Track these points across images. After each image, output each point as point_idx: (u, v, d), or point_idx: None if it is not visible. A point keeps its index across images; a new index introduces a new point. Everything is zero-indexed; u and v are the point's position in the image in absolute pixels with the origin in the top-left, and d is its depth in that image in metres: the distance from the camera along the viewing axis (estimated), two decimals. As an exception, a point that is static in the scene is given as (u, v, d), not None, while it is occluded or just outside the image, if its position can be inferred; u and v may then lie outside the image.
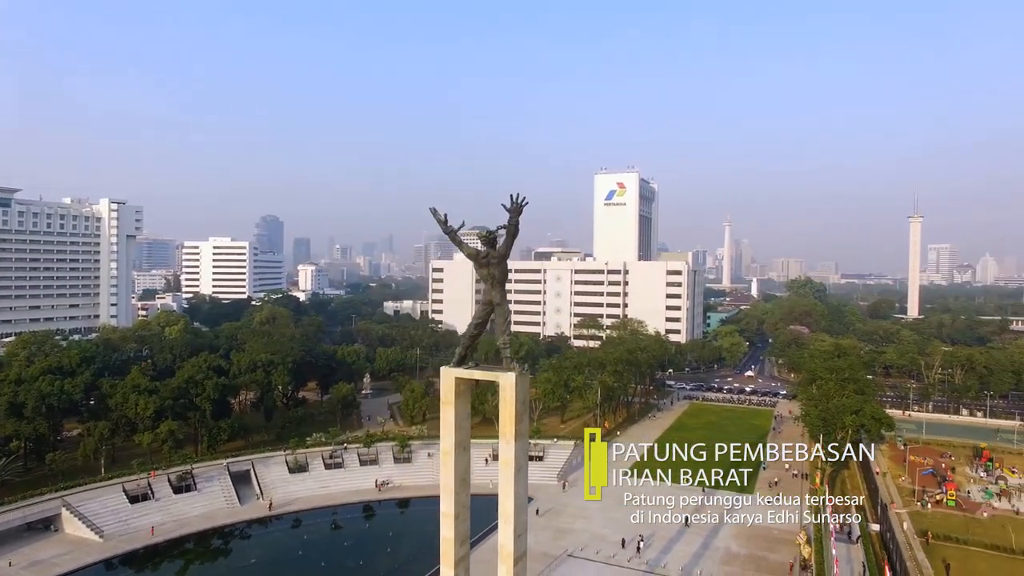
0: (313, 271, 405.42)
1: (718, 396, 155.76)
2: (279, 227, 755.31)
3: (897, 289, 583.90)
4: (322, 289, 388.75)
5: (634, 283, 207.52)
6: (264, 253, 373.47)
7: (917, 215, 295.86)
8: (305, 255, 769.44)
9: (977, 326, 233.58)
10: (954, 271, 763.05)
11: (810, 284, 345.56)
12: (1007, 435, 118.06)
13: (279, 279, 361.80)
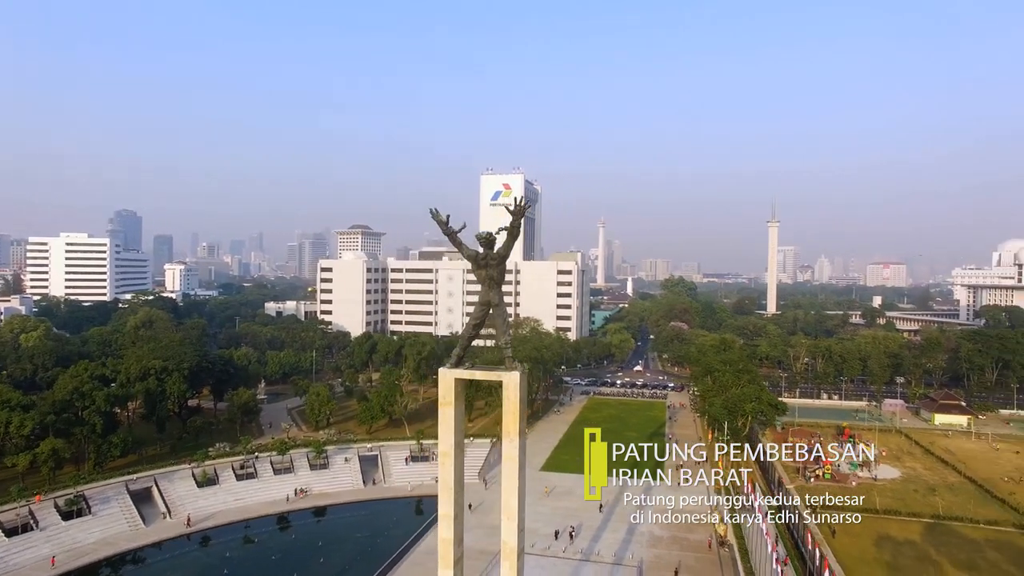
0: (182, 271, 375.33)
1: (613, 391, 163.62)
2: (137, 223, 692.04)
3: (752, 287, 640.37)
4: (193, 290, 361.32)
5: (525, 282, 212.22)
6: (127, 251, 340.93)
7: (774, 220, 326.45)
8: (167, 253, 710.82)
9: (824, 320, 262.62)
10: (797, 271, 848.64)
11: (683, 283, 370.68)
12: (861, 415, 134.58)
13: (144, 280, 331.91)
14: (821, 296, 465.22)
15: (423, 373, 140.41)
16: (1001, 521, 78.56)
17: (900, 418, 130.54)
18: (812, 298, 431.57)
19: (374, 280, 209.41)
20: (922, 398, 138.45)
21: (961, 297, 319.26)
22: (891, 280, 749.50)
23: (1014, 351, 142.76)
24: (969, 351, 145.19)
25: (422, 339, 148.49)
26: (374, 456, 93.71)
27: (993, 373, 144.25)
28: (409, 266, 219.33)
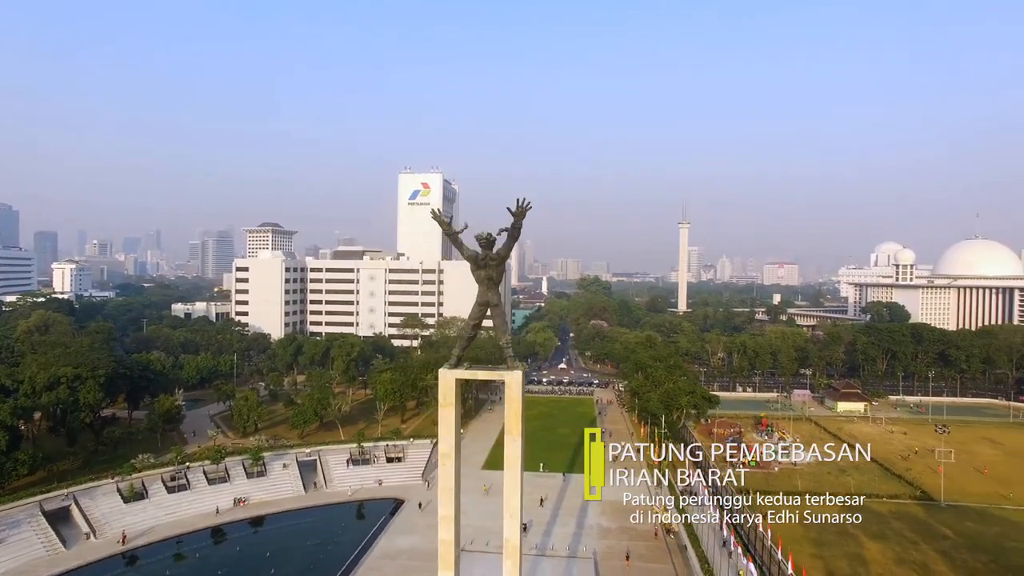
0: (72, 270, 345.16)
1: (540, 388, 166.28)
2: (13, 217, 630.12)
3: (661, 286, 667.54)
4: (86, 291, 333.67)
5: (450, 282, 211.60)
6: (6, 248, 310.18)
7: (685, 221, 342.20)
8: (51, 251, 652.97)
9: (732, 317, 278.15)
10: (701, 270, 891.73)
11: (598, 282, 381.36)
12: (773, 405, 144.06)
13: (27, 280, 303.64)
14: (726, 294, 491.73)
15: (352, 375, 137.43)
16: (900, 495, 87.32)
17: (808, 407, 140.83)
18: (718, 296, 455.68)
19: (293, 280, 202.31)
20: (826, 388, 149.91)
21: (849, 294, 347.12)
22: (785, 279, 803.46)
23: (900, 343, 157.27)
24: (864, 344, 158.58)
25: (350, 340, 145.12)
26: (313, 461, 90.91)
27: (883, 363, 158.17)
28: (329, 265, 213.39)
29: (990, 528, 77.06)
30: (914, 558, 68.08)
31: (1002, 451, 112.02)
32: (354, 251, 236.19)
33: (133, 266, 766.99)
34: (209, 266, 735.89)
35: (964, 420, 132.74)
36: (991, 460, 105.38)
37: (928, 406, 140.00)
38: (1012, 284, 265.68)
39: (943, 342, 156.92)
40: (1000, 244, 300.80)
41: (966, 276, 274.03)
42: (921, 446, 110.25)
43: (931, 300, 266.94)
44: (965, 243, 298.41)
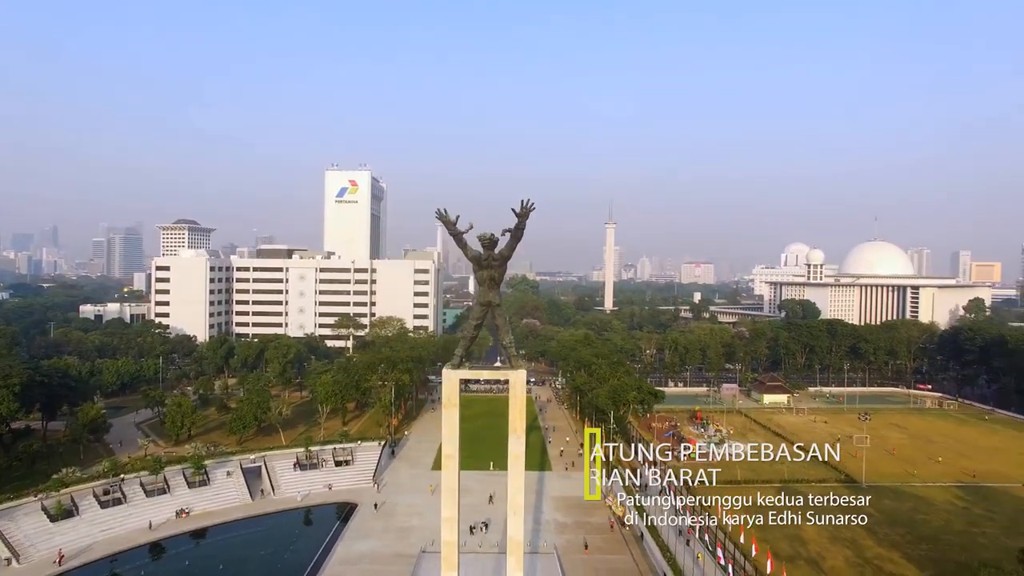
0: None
1: (478, 387, 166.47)
2: None
3: (585, 285, 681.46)
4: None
5: (382, 281, 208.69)
6: None
7: (611, 222, 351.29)
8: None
9: (657, 315, 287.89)
10: (622, 269, 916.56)
11: (525, 281, 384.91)
12: (704, 399, 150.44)
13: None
14: (648, 293, 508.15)
15: (289, 377, 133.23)
16: (828, 479, 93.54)
17: (737, 400, 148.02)
18: (641, 295, 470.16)
19: (218, 280, 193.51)
20: (752, 381, 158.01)
21: (764, 292, 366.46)
22: (702, 278, 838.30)
23: (817, 338, 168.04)
24: (785, 339, 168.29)
25: (286, 341, 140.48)
26: (258, 467, 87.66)
27: (802, 357, 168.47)
28: (257, 264, 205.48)
29: (904, 504, 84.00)
30: (845, 535, 72.94)
31: (907, 435, 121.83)
32: (279, 249, 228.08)
33: (27, 265, 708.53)
34: (116, 265, 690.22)
35: (873, 408, 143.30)
36: (899, 443, 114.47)
37: (844, 396, 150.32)
38: (905, 283, 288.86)
39: (854, 336, 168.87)
40: (894, 246, 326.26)
41: (867, 275, 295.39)
42: (841, 433, 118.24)
43: (838, 297, 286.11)
44: (865, 245, 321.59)
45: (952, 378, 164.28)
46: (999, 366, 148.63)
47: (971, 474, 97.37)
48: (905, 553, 68.62)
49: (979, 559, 67.06)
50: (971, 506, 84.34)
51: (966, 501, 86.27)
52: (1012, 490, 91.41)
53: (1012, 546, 71.37)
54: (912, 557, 67.70)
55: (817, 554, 67.69)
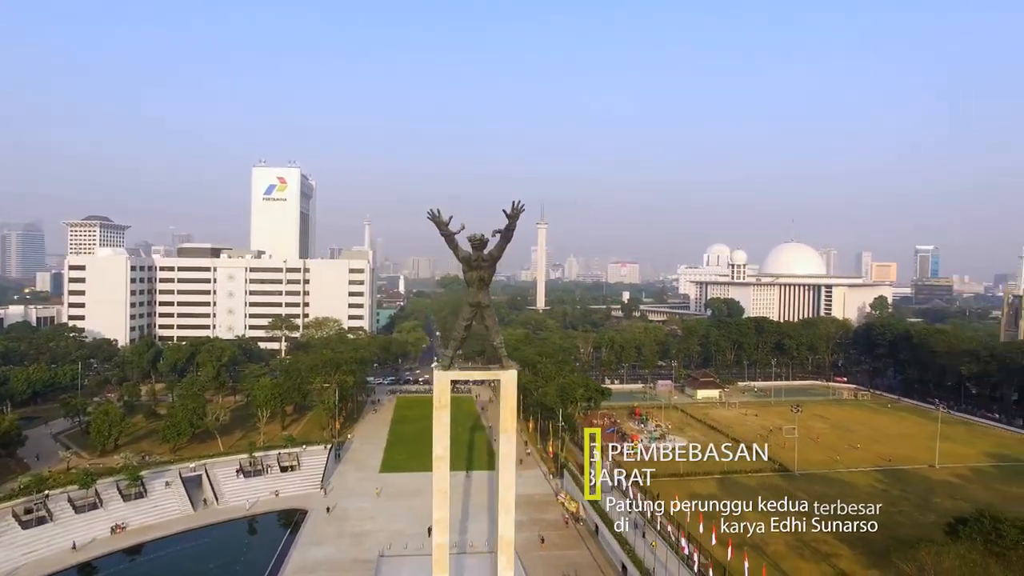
0: None
1: (418, 388, 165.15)
2: None
3: (513, 284, 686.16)
4: None
5: (315, 281, 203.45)
6: None
7: (543, 222, 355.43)
8: None
9: (589, 314, 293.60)
10: (550, 268, 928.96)
11: (458, 281, 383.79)
12: (641, 396, 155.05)
13: None
14: (577, 292, 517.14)
15: (223, 381, 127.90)
16: (764, 469, 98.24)
17: (672, 396, 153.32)
18: (571, 294, 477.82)
19: (140, 280, 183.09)
20: (686, 377, 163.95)
21: (690, 291, 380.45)
22: (628, 277, 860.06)
23: (746, 335, 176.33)
24: (716, 336, 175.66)
25: (220, 344, 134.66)
26: (198, 476, 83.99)
27: (731, 353, 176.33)
28: (183, 264, 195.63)
29: (832, 489, 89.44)
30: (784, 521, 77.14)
31: (828, 424, 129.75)
32: (203, 248, 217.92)
33: None
34: (12, 264, 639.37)
35: (797, 400, 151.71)
36: (822, 432, 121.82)
37: (771, 390, 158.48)
38: (819, 282, 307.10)
39: (779, 333, 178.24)
40: (809, 247, 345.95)
41: (785, 275, 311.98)
42: (772, 425, 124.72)
43: (760, 296, 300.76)
44: (783, 246, 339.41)
45: (865, 370, 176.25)
46: (905, 359, 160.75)
47: (887, 459, 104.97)
48: (837, 534, 72.93)
49: (899, 535, 72.99)
50: (889, 488, 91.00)
51: (884, 483, 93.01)
52: (921, 471, 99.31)
53: (925, 521, 78.05)
54: (844, 538, 71.99)
55: (760, 540, 71.15)
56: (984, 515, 48.63)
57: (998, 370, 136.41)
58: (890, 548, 69.34)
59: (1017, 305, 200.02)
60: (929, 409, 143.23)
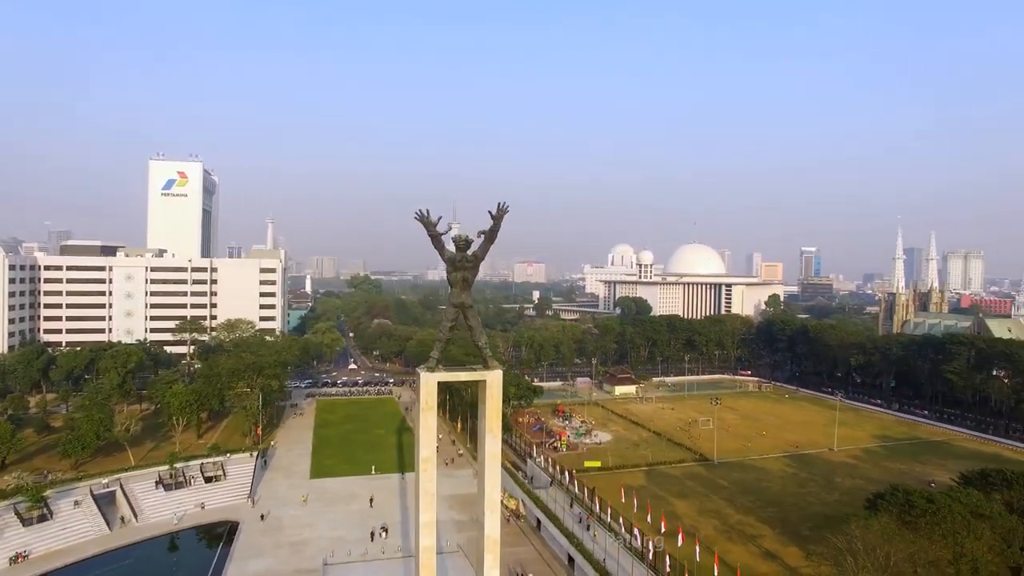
0: None
1: (337, 391, 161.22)
2: None
3: (423, 284, 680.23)
4: None
5: (224, 282, 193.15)
6: None
7: (455, 221, 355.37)
8: None
9: (503, 312, 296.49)
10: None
11: (368, 281, 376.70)
12: (561, 393, 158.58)
13: None
14: (487, 291, 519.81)
15: (128, 389, 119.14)
16: (686, 459, 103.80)
17: (591, 392, 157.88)
18: (481, 293, 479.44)
19: (21, 280, 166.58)
20: (603, 374, 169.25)
21: (599, 290, 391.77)
22: (534, 276, 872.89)
23: (659, 332, 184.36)
24: (631, 334, 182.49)
25: (126, 349, 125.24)
26: (112, 492, 78.14)
27: (645, 350, 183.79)
28: (73, 263, 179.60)
29: (749, 475, 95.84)
30: (710, 507, 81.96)
31: (739, 415, 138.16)
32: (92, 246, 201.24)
33: None
34: None
35: (714, 393, 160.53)
36: (733, 423, 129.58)
37: (685, 384, 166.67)
38: (719, 281, 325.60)
39: (689, 330, 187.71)
40: (709, 248, 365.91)
41: (689, 274, 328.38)
42: (687, 418, 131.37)
43: (666, 294, 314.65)
44: (687, 246, 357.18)
45: (766, 364, 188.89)
46: (801, 352, 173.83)
47: (793, 445, 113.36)
48: (759, 517, 78.53)
49: (810, 513, 79.50)
50: (797, 471, 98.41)
51: (793, 468, 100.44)
52: (823, 455, 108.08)
53: (831, 500, 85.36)
54: (764, 519, 77.71)
55: (691, 526, 75.10)
56: (898, 489, 53.93)
57: (880, 360, 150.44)
58: (805, 526, 75.48)
59: (891, 302, 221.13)
60: (824, 398, 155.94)
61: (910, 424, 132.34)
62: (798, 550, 68.15)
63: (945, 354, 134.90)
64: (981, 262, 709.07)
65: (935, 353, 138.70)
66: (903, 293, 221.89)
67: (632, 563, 58.41)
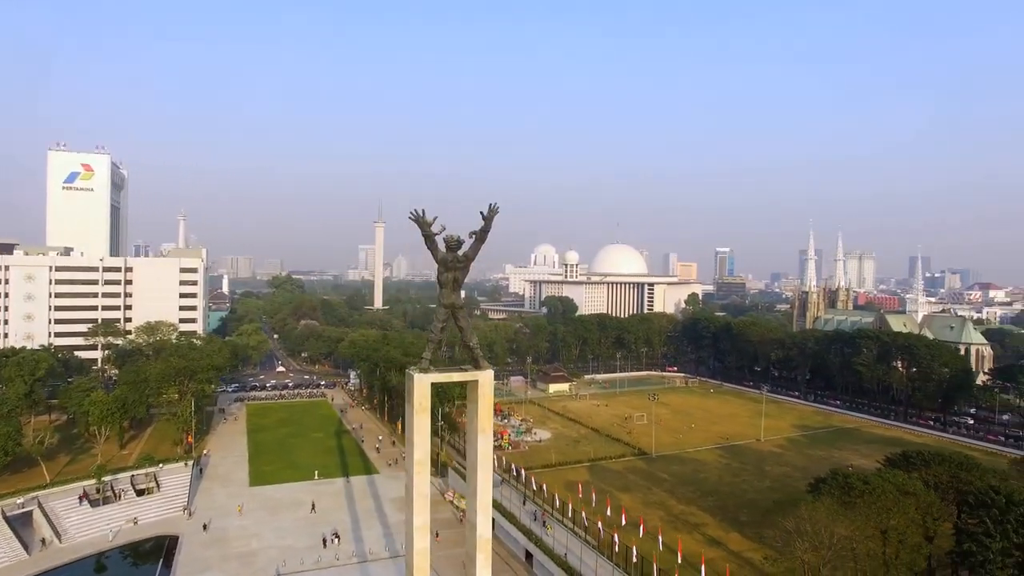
0: None
1: (267, 394, 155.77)
2: None
3: (344, 284, 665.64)
4: None
5: (140, 282, 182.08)
6: None
7: (380, 220, 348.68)
8: None
9: (431, 312, 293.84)
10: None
11: (291, 281, 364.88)
12: (497, 392, 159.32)
13: None
14: (412, 291, 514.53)
15: (36, 398, 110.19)
16: (626, 454, 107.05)
17: (526, 391, 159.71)
18: (405, 293, 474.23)
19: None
20: (537, 373, 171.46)
21: (524, 290, 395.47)
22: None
23: (589, 331, 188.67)
24: (563, 333, 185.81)
25: (31, 355, 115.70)
26: (28, 513, 72.25)
27: (576, 349, 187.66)
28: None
29: (686, 467, 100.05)
30: (654, 499, 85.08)
31: (669, 409, 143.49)
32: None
33: None
34: None
35: (639, 390, 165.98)
36: (665, 417, 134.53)
37: (617, 381, 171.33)
38: (642, 280, 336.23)
39: (619, 328, 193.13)
40: (632, 248, 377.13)
41: (613, 274, 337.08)
42: (621, 414, 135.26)
43: (591, 293, 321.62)
44: (610, 246, 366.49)
45: (691, 360, 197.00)
46: (725, 348, 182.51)
47: (723, 437, 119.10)
48: (700, 506, 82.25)
49: (746, 500, 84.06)
50: (730, 461, 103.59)
51: (726, 458, 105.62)
52: (752, 445, 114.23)
53: (763, 487, 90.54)
54: (705, 509, 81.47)
55: (638, 518, 77.80)
56: (838, 473, 58.08)
57: (797, 355, 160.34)
58: (743, 512, 79.74)
59: (804, 299, 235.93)
60: (746, 391, 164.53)
61: (825, 414, 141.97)
62: (739, 536, 72.01)
63: (854, 348, 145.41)
64: (873, 263, 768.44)
65: (845, 347, 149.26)
66: (815, 291, 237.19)
67: (596, 559, 59.95)
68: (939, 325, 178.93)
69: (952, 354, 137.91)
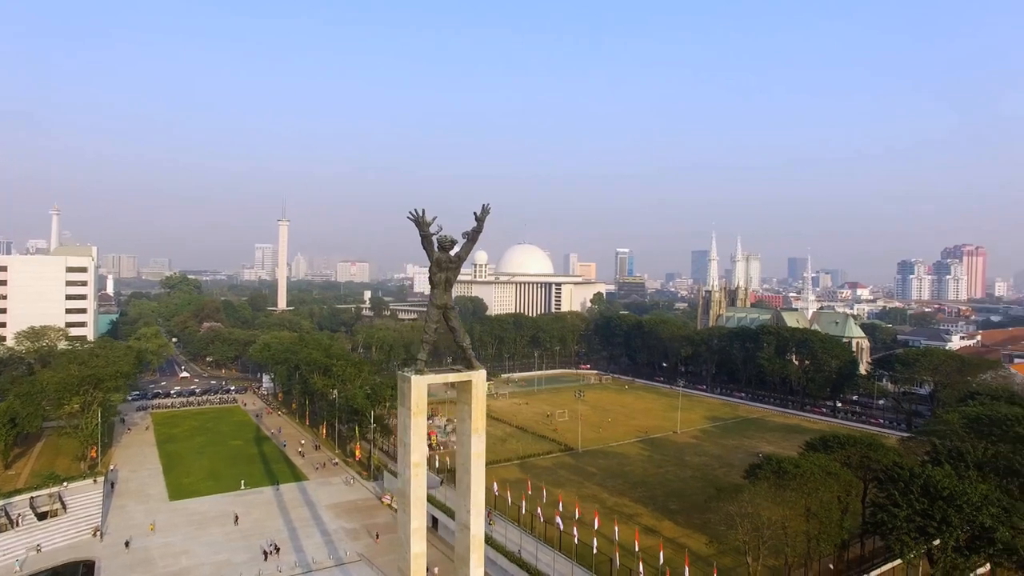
0: None
1: (172, 402, 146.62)
2: None
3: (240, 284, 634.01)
4: None
5: (16, 283, 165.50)
6: None
7: (285, 219, 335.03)
8: None
9: (339, 313, 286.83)
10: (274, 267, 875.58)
11: (186, 281, 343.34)
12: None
13: None
14: (314, 291, 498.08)
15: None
16: (553, 450, 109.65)
17: (446, 390, 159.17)
18: (308, 293, 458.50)
19: None
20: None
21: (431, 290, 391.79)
22: (358, 276, 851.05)
23: (506, 330, 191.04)
24: (479, 332, 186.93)
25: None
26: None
27: (493, 348, 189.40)
28: None
29: (612, 461, 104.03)
30: (587, 493, 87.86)
31: (588, 406, 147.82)
32: None
33: None
34: None
35: (556, 387, 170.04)
36: (585, 413, 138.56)
37: (534, 379, 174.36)
38: (550, 280, 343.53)
39: (534, 327, 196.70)
40: (539, 248, 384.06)
41: (521, 274, 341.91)
42: (543, 411, 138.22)
43: (501, 293, 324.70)
44: (517, 247, 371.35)
45: (603, 357, 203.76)
46: (636, 345, 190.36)
47: (642, 430, 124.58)
48: (631, 498, 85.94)
49: (672, 489, 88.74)
50: (652, 454, 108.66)
51: (648, 451, 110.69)
52: (670, 437, 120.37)
53: (685, 476, 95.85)
54: (636, 500, 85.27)
55: (574, 512, 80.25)
56: (771, 460, 62.72)
57: (705, 351, 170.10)
58: (671, 501, 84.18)
59: (707, 298, 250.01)
60: (657, 386, 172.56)
61: (732, 406, 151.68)
62: (672, 524, 76.04)
63: (756, 343, 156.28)
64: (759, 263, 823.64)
65: (747, 342, 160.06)
66: (718, 291, 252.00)
67: (553, 555, 61.55)
68: (826, 321, 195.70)
69: (842, 347, 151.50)
